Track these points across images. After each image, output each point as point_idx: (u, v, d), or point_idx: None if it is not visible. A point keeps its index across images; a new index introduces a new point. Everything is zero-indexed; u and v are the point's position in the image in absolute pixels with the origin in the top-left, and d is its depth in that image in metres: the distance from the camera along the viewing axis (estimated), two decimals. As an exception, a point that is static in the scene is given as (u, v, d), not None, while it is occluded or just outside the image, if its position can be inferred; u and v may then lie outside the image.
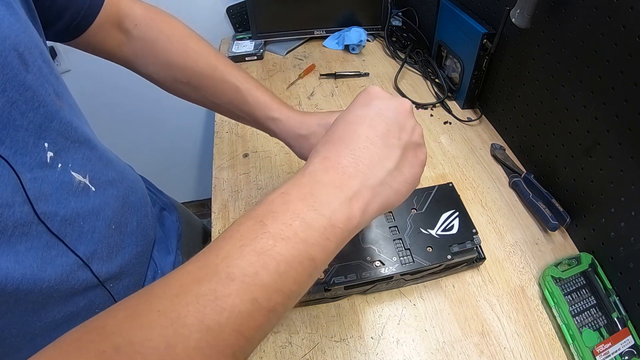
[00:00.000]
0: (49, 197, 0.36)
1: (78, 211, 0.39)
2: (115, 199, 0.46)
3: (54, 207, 0.36)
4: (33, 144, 0.34)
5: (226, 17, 1.14)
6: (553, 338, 0.51)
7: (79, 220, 0.39)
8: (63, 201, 0.37)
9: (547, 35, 0.60)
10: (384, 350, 0.50)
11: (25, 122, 0.34)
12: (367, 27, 1.06)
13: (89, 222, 0.41)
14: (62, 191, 0.38)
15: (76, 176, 0.40)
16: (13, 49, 0.33)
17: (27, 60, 0.34)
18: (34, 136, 0.35)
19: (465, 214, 0.56)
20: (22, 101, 0.33)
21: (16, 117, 0.33)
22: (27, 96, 0.34)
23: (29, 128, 0.34)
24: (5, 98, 0.32)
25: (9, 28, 0.33)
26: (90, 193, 0.41)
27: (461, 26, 0.79)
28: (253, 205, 0.28)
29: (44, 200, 0.35)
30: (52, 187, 0.36)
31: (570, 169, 0.60)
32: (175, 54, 0.50)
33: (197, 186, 1.62)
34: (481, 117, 0.83)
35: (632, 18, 0.45)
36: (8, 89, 0.32)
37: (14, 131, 0.32)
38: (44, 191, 0.35)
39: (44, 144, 0.36)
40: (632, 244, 0.50)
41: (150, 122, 1.32)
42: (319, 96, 0.91)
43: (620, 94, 0.49)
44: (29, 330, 0.36)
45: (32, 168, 0.34)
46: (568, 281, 0.54)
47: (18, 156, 0.33)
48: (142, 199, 0.54)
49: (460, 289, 0.56)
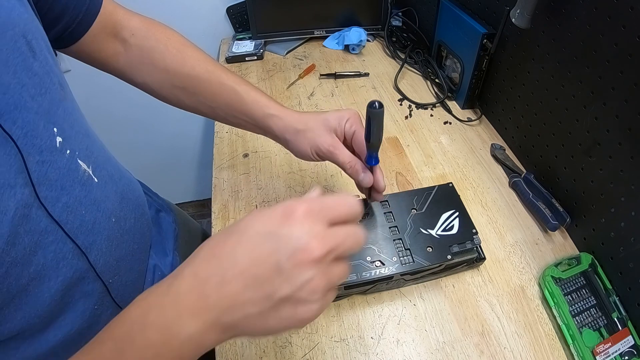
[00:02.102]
0: (54, 182, 0.36)
1: (81, 200, 0.39)
2: (115, 194, 0.46)
3: (58, 192, 0.36)
4: (43, 127, 0.35)
5: (226, 17, 1.14)
6: (553, 338, 0.51)
7: (81, 208, 0.39)
8: (67, 187, 0.37)
9: (547, 35, 0.60)
10: (384, 350, 0.50)
11: (35, 105, 0.34)
12: (367, 27, 1.06)
13: (90, 212, 0.40)
14: (68, 178, 0.37)
15: (82, 164, 0.40)
16: (22, 36, 0.33)
17: (35, 48, 0.35)
18: (44, 120, 0.35)
19: (465, 214, 0.56)
20: (31, 85, 0.34)
21: (27, 99, 0.33)
22: (35, 81, 0.34)
23: (38, 111, 0.34)
24: (16, 80, 0.32)
25: (19, 17, 0.34)
26: (93, 184, 0.41)
27: (461, 26, 0.79)
28: (117, 316, 0.28)
29: (48, 184, 0.35)
30: (58, 173, 0.36)
31: (570, 169, 0.60)
32: (172, 60, 0.51)
33: (197, 186, 1.62)
34: (481, 117, 0.83)
35: (632, 18, 0.45)
36: (19, 71, 0.32)
37: (25, 112, 0.33)
38: (50, 176, 0.35)
39: (53, 128, 0.36)
40: (632, 244, 0.50)
41: (150, 123, 1.32)
42: (319, 96, 0.91)
43: (620, 94, 0.49)
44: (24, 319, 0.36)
45: (41, 151, 0.34)
46: (568, 281, 0.54)
47: (29, 137, 0.33)
48: (139, 199, 0.54)
49: (460, 289, 0.56)
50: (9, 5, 0.33)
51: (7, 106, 0.31)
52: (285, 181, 0.71)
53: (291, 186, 0.70)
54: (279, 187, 0.71)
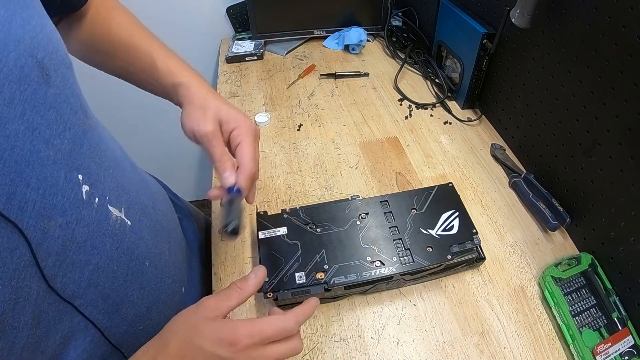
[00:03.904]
0: (83, 244, 0.31)
1: (112, 255, 0.34)
2: (149, 230, 0.41)
3: (87, 255, 0.31)
4: (65, 179, 0.29)
5: (226, 17, 1.14)
6: (553, 338, 0.51)
7: (112, 265, 0.34)
8: (98, 246, 0.32)
9: (547, 35, 0.60)
10: (384, 350, 0.50)
11: (52, 152, 0.27)
12: (367, 27, 1.06)
13: (122, 265, 0.36)
14: (99, 234, 0.32)
15: (113, 211, 0.34)
16: (30, 56, 0.26)
17: (48, 69, 0.28)
18: (65, 168, 0.29)
19: (465, 214, 0.56)
20: (45, 125, 0.27)
21: (40, 147, 0.26)
22: (50, 118, 0.28)
23: (56, 159, 0.28)
24: (25, 124, 0.25)
25: (22, 28, 0.26)
26: (126, 230, 0.36)
27: (461, 26, 0.79)
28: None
29: (75, 249, 0.30)
30: (87, 231, 0.31)
31: (570, 169, 0.60)
32: (99, 25, 0.48)
33: (197, 186, 1.62)
34: (481, 117, 0.83)
35: (632, 18, 0.45)
36: (27, 111, 0.26)
37: (40, 167, 0.26)
38: (77, 237, 0.30)
39: (77, 176, 0.30)
40: (632, 244, 0.50)
41: (150, 123, 1.32)
42: (319, 96, 0.91)
43: (620, 94, 0.49)
44: None
45: (64, 210, 0.28)
46: (568, 281, 0.54)
47: (47, 197, 0.27)
48: (170, 215, 0.51)
49: (460, 289, 0.56)
50: (8, 15, 0.25)
51: (16, 165, 0.25)
52: (285, 181, 0.71)
53: (291, 186, 0.70)
54: (279, 187, 0.71)
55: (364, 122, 0.84)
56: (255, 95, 0.93)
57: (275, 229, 0.55)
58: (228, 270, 0.59)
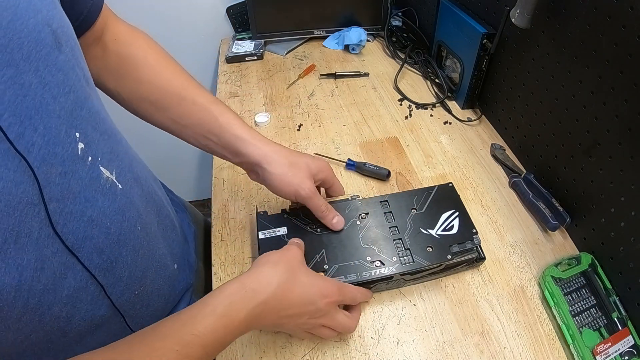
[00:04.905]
0: (78, 195, 0.33)
1: (104, 211, 0.36)
2: (140, 197, 0.43)
3: (82, 205, 0.34)
4: (65, 133, 0.32)
5: (226, 17, 1.14)
6: (553, 338, 0.51)
7: (105, 221, 0.36)
8: (91, 199, 0.35)
9: (547, 35, 0.60)
10: (384, 350, 0.50)
11: (58, 107, 0.31)
12: (367, 27, 1.06)
13: (115, 223, 0.38)
14: (91, 188, 0.35)
15: (104, 172, 0.37)
16: (46, 24, 0.30)
17: (60, 38, 0.31)
18: (66, 124, 0.32)
19: (465, 214, 0.56)
20: (54, 84, 0.30)
21: (49, 100, 0.30)
22: (58, 79, 0.31)
23: (61, 114, 0.31)
24: (38, 78, 0.29)
25: (41, 1, 0.30)
26: (117, 191, 0.38)
27: (461, 26, 0.79)
28: None
29: (72, 198, 0.33)
30: (81, 184, 0.33)
31: (570, 169, 0.60)
32: (148, 71, 0.48)
33: (197, 186, 1.62)
34: (481, 117, 0.83)
35: (632, 18, 0.45)
36: (41, 68, 0.29)
37: (47, 117, 0.30)
38: (73, 188, 0.33)
39: (75, 133, 0.33)
40: (632, 244, 0.50)
41: (150, 122, 1.32)
42: (319, 96, 0.91)
43: (620, 94, 0.49)
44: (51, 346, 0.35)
45: (63, 160, 0.31)
46: (568, 281, 0.54)
47: (51, 145, 0.30)
48: (164, 199, 0.52)
49: (460, 289, 0.56)
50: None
51: (27, 110, 0.28)
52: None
53: (291, 186, 0.70)
54: (279, 187, 0.70)
55: (364, 122, 0.84)
56: (255, 95, 0.93)
57: (275, 229, 0.55)
58: (228, 270, 0.59)
